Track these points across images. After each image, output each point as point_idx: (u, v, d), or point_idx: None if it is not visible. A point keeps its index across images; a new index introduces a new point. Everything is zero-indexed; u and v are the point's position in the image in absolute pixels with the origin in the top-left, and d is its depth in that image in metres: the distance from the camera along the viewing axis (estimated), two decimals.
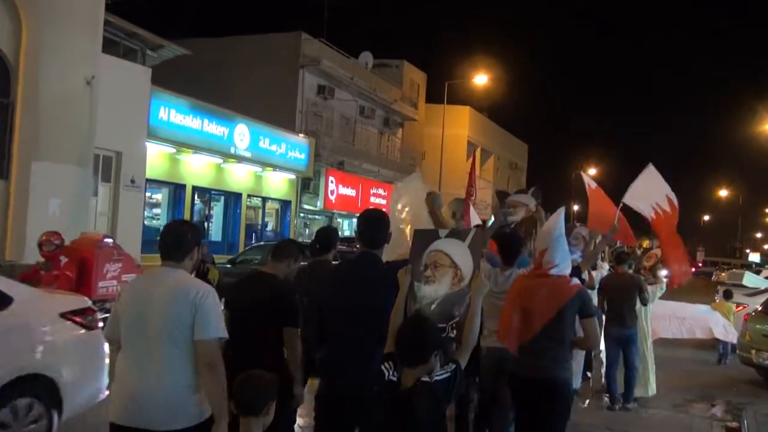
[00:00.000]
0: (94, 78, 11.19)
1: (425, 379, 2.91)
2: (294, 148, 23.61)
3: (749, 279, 16.31)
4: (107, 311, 7.50)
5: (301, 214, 26.49)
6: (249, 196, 22.67)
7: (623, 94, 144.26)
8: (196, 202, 20.45)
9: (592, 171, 59.13)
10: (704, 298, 20.11)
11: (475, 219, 6.16)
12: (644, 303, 7.80)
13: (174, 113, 17.79)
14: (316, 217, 27.81)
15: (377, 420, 3.07)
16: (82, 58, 11.09)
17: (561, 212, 4.44)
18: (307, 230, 27.23)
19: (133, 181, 14.73)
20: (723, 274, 45.97)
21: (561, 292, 4.15)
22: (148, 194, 19.26)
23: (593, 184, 7.52)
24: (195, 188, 19.98)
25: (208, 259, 15.87)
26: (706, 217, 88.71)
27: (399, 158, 34.05)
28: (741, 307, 13.14)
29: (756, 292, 13.99)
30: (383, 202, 30.19)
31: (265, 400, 2.84)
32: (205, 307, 3.03)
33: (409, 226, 5.04)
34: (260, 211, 24.00)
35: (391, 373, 3.02)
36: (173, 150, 18.47)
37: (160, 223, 19.69)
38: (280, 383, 3.01)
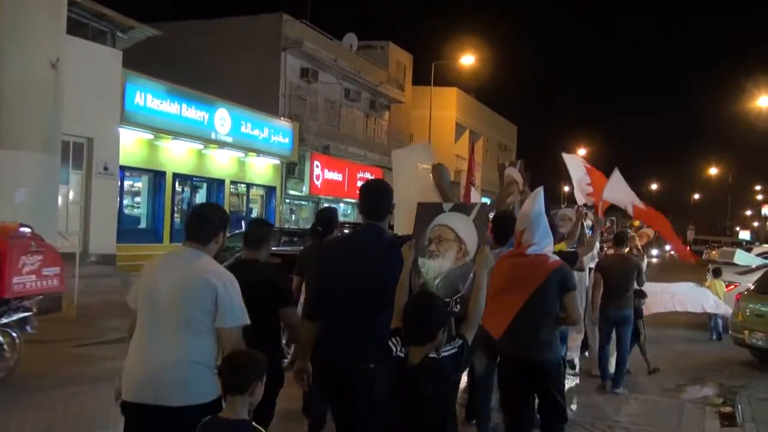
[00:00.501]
0: (59, 60, 10.66)
1: (432, 355, 2.93)
2: (277, 132, 23.13)
3: (740, 257, 15.94)
4: (26, 309, 6.88)
5: (287, 200, 26.06)
6: (232, 182, 22.22)
7: (612, 74, 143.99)
8: (177, 189, 19.98)
9: (582, 151, 59.04)
10: (695, 276, 19.95)
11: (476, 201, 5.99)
12: (641, 285, 7.82)
13: (150, 98, 17.29)
14: (303, 202, 27.39)
15: (384, 395, 3.12)
16: (45, 40, 10.53)
17: (540, 191, 4.38)
18: (293, 216, 26.82)
19: (106, 168, 14.21)
20: (714, 252, 46.01)
21: (539, 268, 4.11)
22: (128, 182, 18.85)
23: (578, 166, 7.36)
24: (176, 175, 19.52)
25: None
26: (696, 196, 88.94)
27: (386, 141, 33.58)
28: (732, 286, 12.86)
29: (747, 270, 13.68)
30: None
31: (251, 380, 2.82)
32: (228, 295, 3.06)
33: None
34: (244, 197, 23.56)
35: (398, 349, 3.03)
36: (151, 136, 17.99)
37: (141, 211, 19.28)
38: (269, 366, 3.02)
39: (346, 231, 14.22)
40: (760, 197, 78.40)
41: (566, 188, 63.73)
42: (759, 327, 9.31)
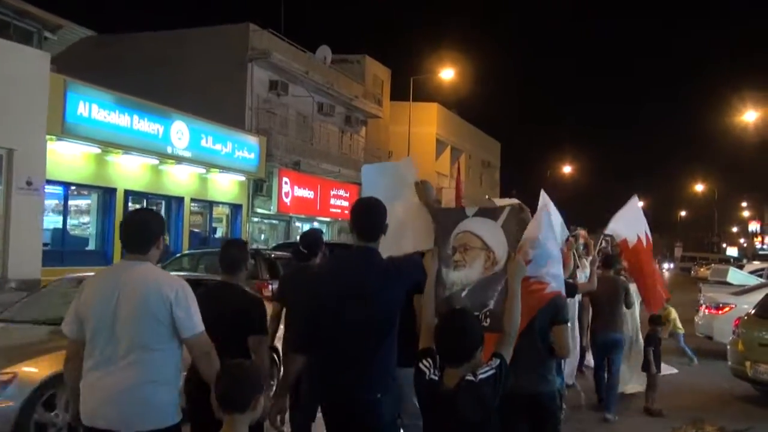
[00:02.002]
0: None
1: (469, 378, 2.75)
2: (242, 147, 21.79)
3: (734, 276, 14.73)
4: None
5: (255, 219, 24.68)
6: (193, 200, 20.79)
7: (599, 89, 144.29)
8: (130, 207, 18.55)
9: (567, 169, 58.33)
10: (683, 296, 18.72)
11: None
12: (628, 306, 7.77)
13: (96, 109, 15.92)
14: (273, 221, 26.02)
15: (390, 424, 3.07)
16: None
17: (543, 214, 4.03)
18: (262, 236, 25.43)
19: (29, 183, 12.71)
20: (702, 269, 45.08)
21: (535, 299, 3.80)
22: (75, 201, 17.45)
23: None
24: (128, 192, 18.08)
25: None
26: (683, 213, 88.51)
27: (363, 158, 32.31)
28: (728, 308, 11.62)
29: (743, 291, 12.44)
30: (345, 204, 28.53)
31: (252, 394, 2.51)
32: (184, 304, 2.98)
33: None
34: (207, 216, 22.14)
35: (431, 371, 2.85)
36: (98, 150, 16.59)
37: (91, 232, 17.84)
38: None
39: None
40: (746, 213, 77.92)
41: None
42: (764, 358, 8.02)
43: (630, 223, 6.92)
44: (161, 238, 3.18)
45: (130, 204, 18.55)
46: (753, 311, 8.86)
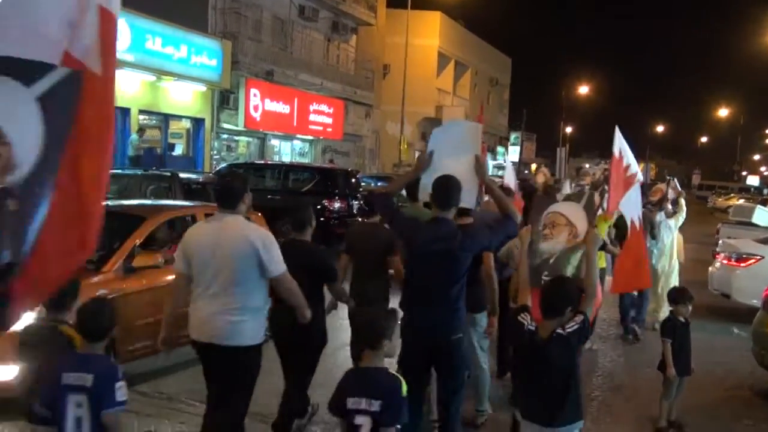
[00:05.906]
0: None
1: (560, 331, 3.38)
2: (200, 52, 19.00)
3: (761, 216, 12.09)
4: None
5: (224, 135, 22.17)
6: (142, 111, 18.24)
7: (620, 4, 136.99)
8: None
9: (584, 89, 54.76)
10: (697, 229, 16.22)
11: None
12: (654, 237, 8.14)
13: None
14: (245, 138, 23.50)
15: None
16: None
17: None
18: (232, 154, 22.97)
19: None
20: (720, 199, 42.17)
21: None
22: None
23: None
24: None
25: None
26: (704, 139, 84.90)
27: (353, 70, 29.40)
28: (752, 261, 9.16)
29: None
30: (328, 120, 25.88)
31: (381, 336, 3.14)
32: (268, 250, 3.82)
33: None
34: (162, 130, 19.63)
35: (528, 323, 3.47)
36: None
37: None
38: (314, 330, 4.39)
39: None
40: None
41: (568, 129, 59.82)
42: None
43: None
44: (245, 195, 3.93)
45: None
46: None
